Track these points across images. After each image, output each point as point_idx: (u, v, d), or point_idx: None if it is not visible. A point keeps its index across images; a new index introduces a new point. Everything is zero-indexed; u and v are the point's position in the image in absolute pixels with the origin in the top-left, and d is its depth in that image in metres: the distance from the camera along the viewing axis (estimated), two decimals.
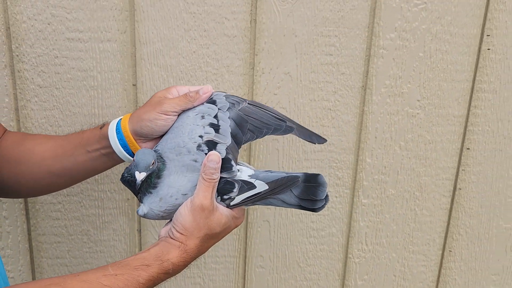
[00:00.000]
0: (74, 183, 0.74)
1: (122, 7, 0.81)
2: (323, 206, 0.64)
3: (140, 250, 0.94)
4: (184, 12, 0.82)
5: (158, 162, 0.63)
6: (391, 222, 0.98)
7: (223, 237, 0.64)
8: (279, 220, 0.96)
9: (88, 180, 0.90)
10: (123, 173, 0.65)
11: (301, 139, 0.76)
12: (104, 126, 0.69)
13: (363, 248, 0.99)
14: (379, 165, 0.93)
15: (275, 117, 0.69)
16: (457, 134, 0.93)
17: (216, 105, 0.66)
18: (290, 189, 0.63)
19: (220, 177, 0.63)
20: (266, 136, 0.68)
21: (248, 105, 0.68)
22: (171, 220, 0.64)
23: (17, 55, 0.82)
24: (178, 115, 0.67)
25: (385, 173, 0.94)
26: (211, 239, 0.63)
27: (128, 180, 0.63)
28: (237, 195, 0.63)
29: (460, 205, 0.98)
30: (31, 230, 0.92)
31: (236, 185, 0.62)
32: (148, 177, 0.62)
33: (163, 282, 0.61)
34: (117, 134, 0.67)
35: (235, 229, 0.92)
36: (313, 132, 0.71)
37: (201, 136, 0.64)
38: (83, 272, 0.58)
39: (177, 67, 0.84)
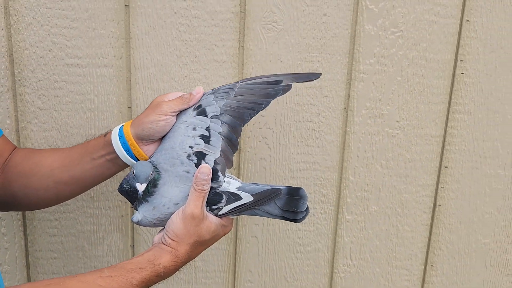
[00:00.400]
0: (82, 191, 0.79)
1: (118, 35, 0.87)
2: (304, 217, 0.71)
3: None
4: (177, 40, 0.88)
5: (153, 172, 0.68)
6: (375, 237, 1.02)
7: (212, 243, 0.70)
8: (267, 236, 1.00)
9: (83, 197, 0.94)
10: (121, 184, 0.70)
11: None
12: (107, 133, 0.74)
13: (348, 263, 1.03)
14: (362, 183, 0.99)
15: (271, 83, 0.73)
16: (435, 153, 0.98)
17: (207, 115, 0.71)
18: (274, 201, 0.69)
19: (210, 187, 0.68)
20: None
21: (241, 85, 0.73)
22: (163, 228, 0.69)
23: (19, 80, 0.88)
24: (177, 116, 0.72)
25: (367, 190, 0.99)
26: (200, 245, 0.68)
27: (126, 190, 0.69)
28: (224, 206, 0.68)
29: (440, 221, 1.03)
30: (28, 246, 0.96)
31: (224, 196, 0.68)
32: (147, 186, 0.68)
33: (155, 285, 0.65)
34: (120, 138, 0.72)
35: (226, 245, 0.97)
36: (308, 73, 0.77)
37: (191, 147, 0.69)
38: (81, 274, 0.63)
39: (170, 90, 0.90)
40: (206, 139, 0.70)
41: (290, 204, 0.69)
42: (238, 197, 0.68)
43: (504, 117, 0.97)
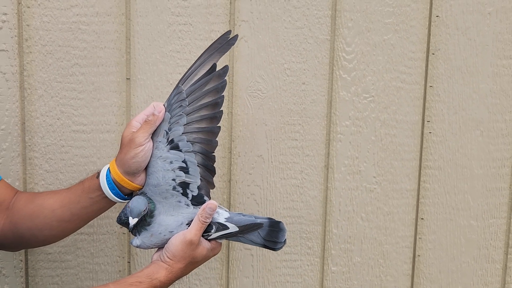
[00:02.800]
0: (85, 223, 0.88)
1: (120, 104, 0.99)
2: (281, 247, 0.84)
3: None
4: None
5: (148, 204, 0.79)
6: None
7: (203, 263, 0.84)
8: None
9: (84, 253, 1.03)
10: (119, 215, 0.81)
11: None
12: (99, 174, 0.83)
13: None
14: (345, 235, 1.08)
15: (208, 74, 0.80)
16: (411, 206, 1.08)
17: (180, 150, 0.80)
18: (258, 231, 0.82)
19: None
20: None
21: (186, 90, 0.80)
22: (160, 248, 0.82)
23: (29, 145, 0.99)
24: (152, 146, 0.80)
25: (350, 242, 1.08)
26: (192, 264, 0.82)
27: (124, 222, 0.80)
28: (214, 233, 0.82)
29: (420, 271, 1.11)
30: None
31: (214, 227, 0.81)
32: (143, 218, 0.79)
33: None
34: (107, 182, 0.81)
35: None
36: (224, 39, 0.82)
37: (173, 179, 0.80)
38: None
39: None
40: (185, 170, 0.81)
41: (271, 235, 0.83)
42: (226, 227, 0.82)
43: (472, 171, 1.08)
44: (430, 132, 1.06)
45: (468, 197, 1.09)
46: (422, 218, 1.09)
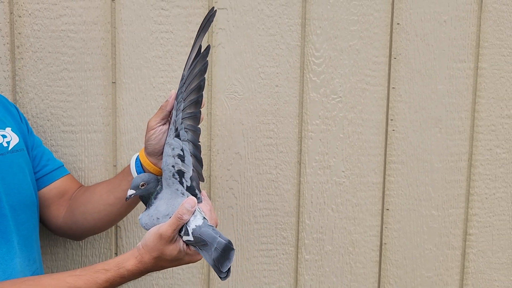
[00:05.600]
0: (125, 212, 0.98)
1: (106, 106, 1.09)
2: (225, 277, 0.81)
3: None
4: (155, 109, 1.10)
5: (159, 185, 0.86)
6: (331, 274, 1.21)
7: (176, 265, 0.84)
8: (236, 277, 1.18)
9: (73, 246, 1.12)
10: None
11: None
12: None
13: None
14: (317, 226, 1.19)
15: (197, 56, 0.87)
16: (377, 198, 1.20)
17: (180, 138, 0.87)
18: (212, 251, 0.81)
19: None
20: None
21: (188, 75, 0.86)
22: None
23: None
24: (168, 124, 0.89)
25: (322, 232, 1.19)
26: (163, 261, 0.83)
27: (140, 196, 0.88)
28: (182, 236, 0.83)
29: (387, 258, 1.23)
30: None
31: (183, 229, 0.83)
32: (150, 196, 0.86)
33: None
34: (136, 167, 0.92)
35: (199, 285, 1.14)
36: (206, 18, 0.88)
37: (173, 166, 0.87)
38: (56, 273, 0.81)
39: None
40: (182, 158, 0.87)
41: (219, 260, 0.81)
42: (187, 233, 0.82)
43: (432, 165, 1.20)
44: (393, 130, 1.18)
45: (429, 189, 1.21)
46: (387, 209, 1.21)
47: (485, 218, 1.22)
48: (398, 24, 1.14)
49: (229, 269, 0.81)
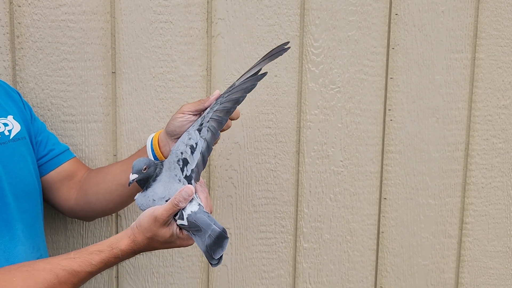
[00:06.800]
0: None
1: (106, 96, 1.11)
2: (216, 264, 0.83)
3: None
4: (155, 99, 1.12)
5: (158, 167, 0.87)
6: (329, 262, 1.24)
7: (168, 248, 0.86)
8: (235, 265, 1.21)
9: (74, 234, 1.14)
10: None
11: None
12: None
13: (308, 287, 1.24)
14: (315, 214, 1.21)
15: (252, 76, 0.90)
16: (375, 187, 1.22)
17: (200, 133, 0.89)
18: (205, 238, 0.83)
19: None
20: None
21: (238, 86, 0.90)
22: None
23: None
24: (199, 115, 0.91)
25: (320, 221, 1.22)
26: (155, 242, 0.84)
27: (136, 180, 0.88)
28: (177, 220, 0.85)
29: (384, 246, 1.25)
30: None
31: (178, 214, 0.85)
32: (148, 180, 0.87)
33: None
34: (151, 150, 0.94)
35: (199, 273, 1.17)
36: (278, 48, 0.92)
37: (182, 152, 0.89)
38: (51, 257, 0.82)
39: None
40: (192, 150, 0.89)
41: (212, 247, 0.82)
42: (181, 217, 0.84)
43: (429, 155, 1.22)
44: (391, 120, 1.20)
45: (426, 178, 1.23)
46: (385, 198, 1.23)
47: (481, 207, 1.25)
48: (396, 14, 1.15)
49: (221, 256, 0.83)
